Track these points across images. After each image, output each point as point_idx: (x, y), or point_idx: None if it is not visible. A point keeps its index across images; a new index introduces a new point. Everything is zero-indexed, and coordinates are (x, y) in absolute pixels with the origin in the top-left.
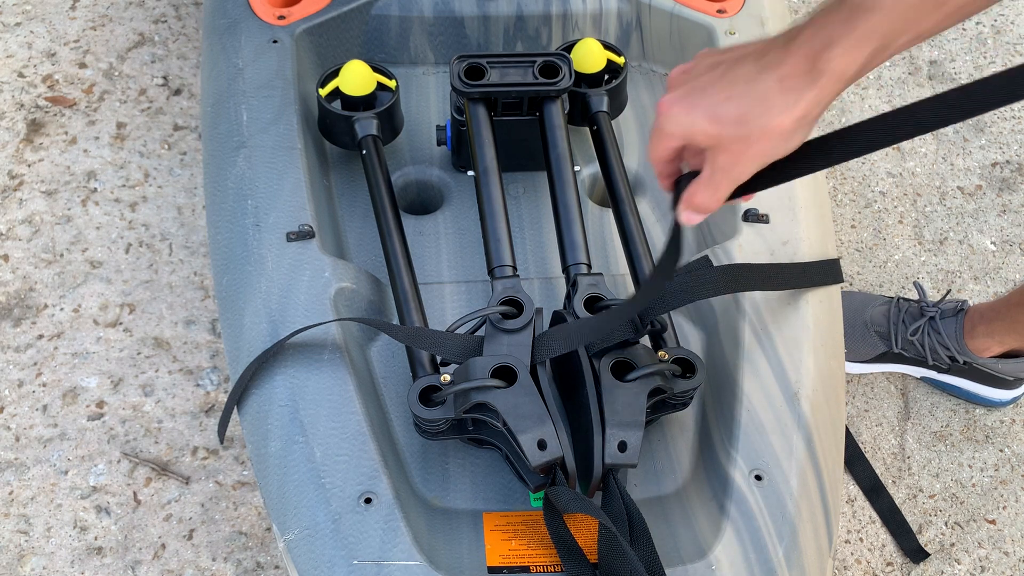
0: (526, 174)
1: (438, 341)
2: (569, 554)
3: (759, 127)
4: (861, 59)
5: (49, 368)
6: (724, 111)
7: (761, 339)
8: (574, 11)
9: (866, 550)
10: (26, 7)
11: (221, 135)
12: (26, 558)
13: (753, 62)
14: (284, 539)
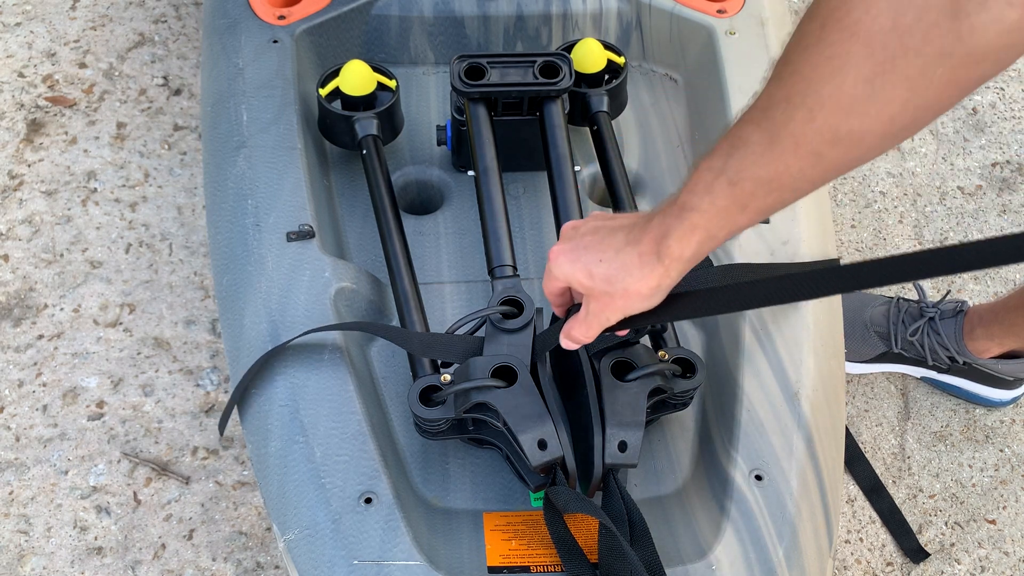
0: (526, 174)
1: (438, 344)
2: (569, 554)
3: (622, 288)
4: (693, 246)
5: (49, 368)
6: (597, 270)
7: (761, 339)
8: (574, 11)
9: (866, 550)
10: (26, 7)
11: (221, 135)
12: (26, 558)
13: (624, 234)
14: (284, 539)
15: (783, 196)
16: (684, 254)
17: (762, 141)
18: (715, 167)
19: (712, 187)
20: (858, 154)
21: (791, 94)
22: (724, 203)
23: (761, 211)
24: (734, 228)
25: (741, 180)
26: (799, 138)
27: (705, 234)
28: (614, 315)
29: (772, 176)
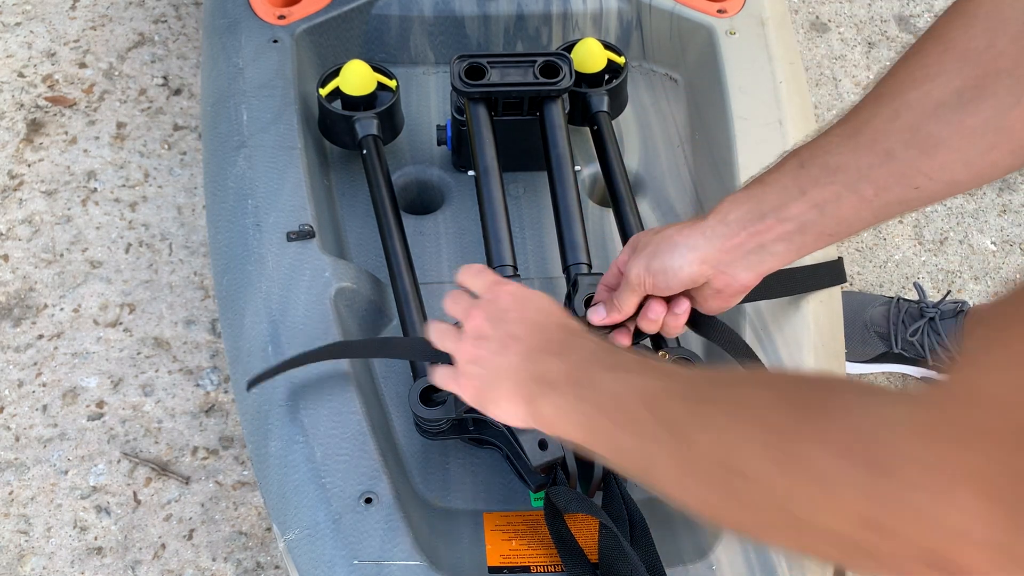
0: (526, 174)
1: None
2: (570, 554)
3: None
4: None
5: (49, 368)
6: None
7: (761, 339)
8: (574, 11)
9: None
10: (26, 7)
11: (221, 135)
12: (26, 558)
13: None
14: (284, 539)
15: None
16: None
17: (844, 133)
18: (796, 151)
19: (783, 166)
20: (928, 166)
21: (881, 94)
22: (787, 181)
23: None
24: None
25: (810, 164)
26: (878, 134)
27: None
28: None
29: (839, 166)
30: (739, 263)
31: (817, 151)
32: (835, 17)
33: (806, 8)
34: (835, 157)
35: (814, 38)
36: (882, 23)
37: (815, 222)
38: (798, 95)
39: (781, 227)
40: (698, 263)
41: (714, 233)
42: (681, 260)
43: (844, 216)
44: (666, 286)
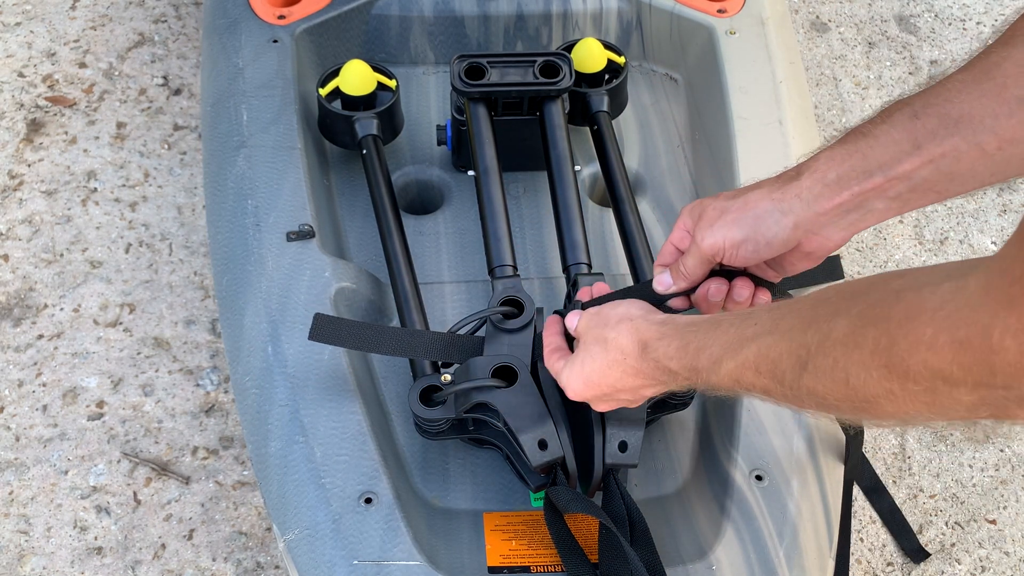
0: (526, 174)
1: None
2: (570, 554)
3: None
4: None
5: (49, 368)
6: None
7: None
8: (574, 11)
9: (866, 550)
10: (26, 7)
11: (221, 135)
12: (26, 558)
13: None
14: (284, 539)
15: (959, 145)
16: (828, 175)
17: (967, 79)
18: (907, 100)
19: (891, 116)
20: None
21: (1015, 35)
22: (898, 134)
23: (932, 158)
24: (893, 168)
25: (925, 115)
26: (1008, 79)
27: (862, 159)
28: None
29: (963, 115)
30: (837, 223)
31: (934, 99)
32: (835, 17)
33: (806, 8)
34: (956, 106)
35: (814, 38)
36: (882, 23)
37: (927, 179)
38: (798, 95)
39: (888, 184)
40: (792, 229)
41: (811, 195)
42: (776, 227)
43: (960, 173)
44: (755, 255)
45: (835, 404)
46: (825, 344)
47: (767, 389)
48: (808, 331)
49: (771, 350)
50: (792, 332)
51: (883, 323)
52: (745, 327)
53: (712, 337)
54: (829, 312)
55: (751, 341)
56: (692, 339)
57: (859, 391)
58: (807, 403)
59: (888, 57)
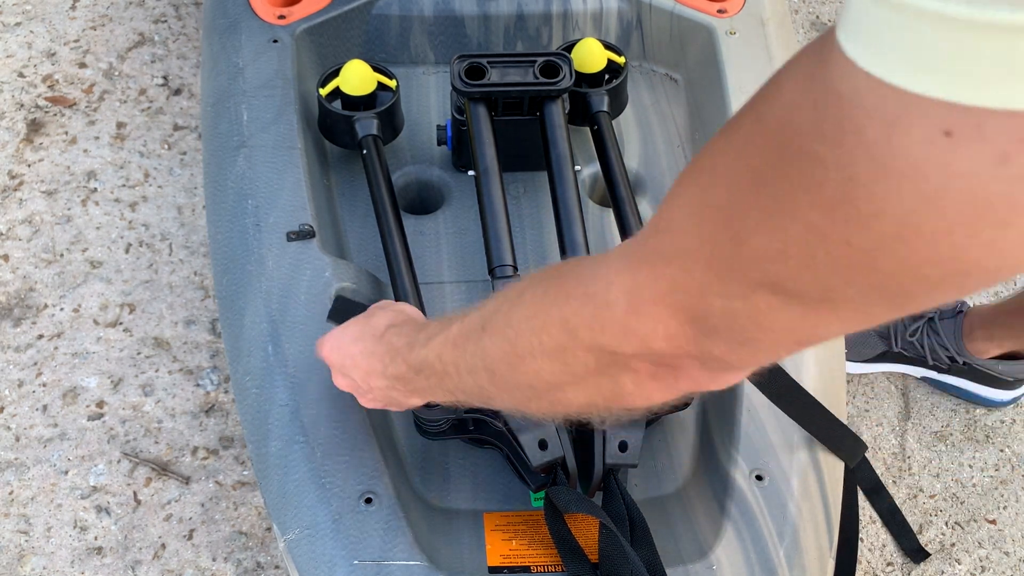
0: (526, 174)
1: None
2: (570, 554)
3: None
4: None
5: (49, 368)
6: None
7: None
8: (574, 11)
9: (866, 550)
10: (26, 7)
11: (221, 135)
12: (26, 558)
13: None
14: (284, 539)
15: None
16: None
17: None
18: None
19: None
20: None
21: None
22: None
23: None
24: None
25: None
26: None
27: None
28: None
29: None
30: None
31: None
32: (835, 17)
33: (806, 8)
34: None
35: (814, 38)
36: None
37: None
38: None
39: None
40: None
41: None
42: None
43: None
44: None
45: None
46: (503, 308)
47: (456, 364)
48: (497, 300)
49: (468, 323)
50: (486, 305)
51: (544, 281)
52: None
53: (440, 322)
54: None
55: (458, 320)
56: (428, 325)
57: (515, 346)
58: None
59: None
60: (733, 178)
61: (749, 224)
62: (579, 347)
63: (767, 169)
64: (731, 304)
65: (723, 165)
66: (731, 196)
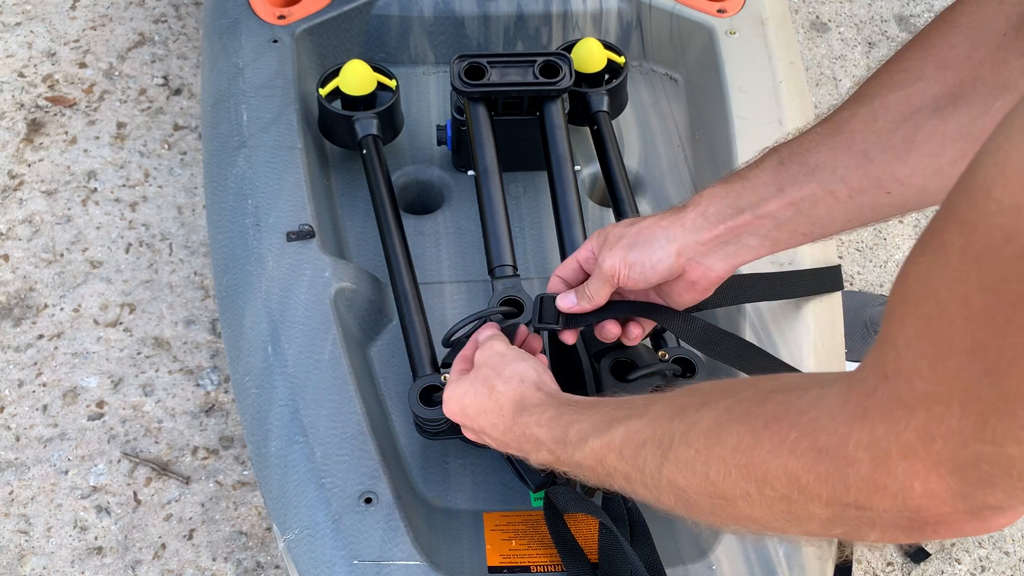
0: (526, 174)
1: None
2: (570, 554)
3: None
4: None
5: (49, 368)
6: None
7: (762, 339)
8: (574, 11)
9: (866, 550)
10: (26, 7)
11: (221, 135)
12: (26, 558)
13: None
14: (284, 539)
15: (815, 191)
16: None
17: (824, 132)
18: (776, 148)
19: (763, 162)
20: (901, 171)
21: (863, 95)
22: (766, 177)
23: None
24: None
25: (789, 162)
26: (856, 135)
27: (736, 198)
28: None
29: (819, 164)
30: (715, 254)
31: (797, 148)
32: (835, 17)
33: (806, 8)
34: (814, 156)
35: (814, 38)
36: (882, 23)
37: (790, 220)
38: (798, 95)
39: (758, 222)
40: (676, 255)
41: (694, 226)
42: (661, 252)
43: (818, 216)
44: (643, 278)
45: (694, 498)
46: (689, 434)
47: (628, 476)
48: (675, 420)
49: (637, 434)
50: (660, 419)
51: (749, 421)
52: (618, 410)
53: (586, 414)
54: (698, 403)
55: (620, 423)
56: (566, 412)
57: (718, 487)
58: (665, 495)
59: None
60: (966, 304)
61: (1007, 353)
62: (811, 502)
63: (1010, 287)
64: (1004, 450)
65: (946, 291)
66: (972, 325)
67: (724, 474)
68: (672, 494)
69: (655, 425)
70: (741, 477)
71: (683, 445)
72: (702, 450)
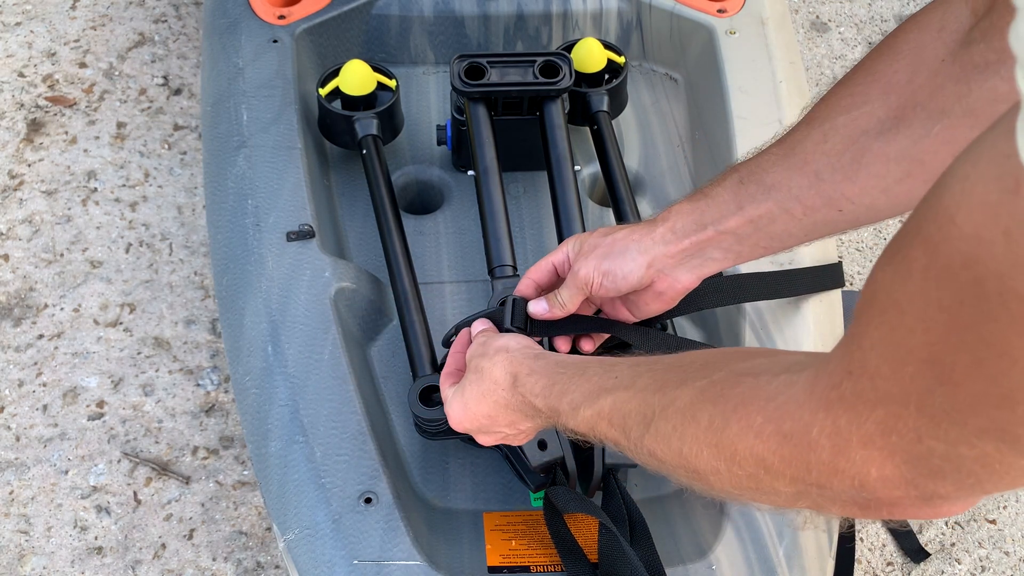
0: (526, 174)
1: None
2: (569, 554)
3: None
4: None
5: (49, 368)
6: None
7: (762, 339)
8: (574, 10)
9: (866, 550)
10: (26, 7)
11: (221, 135)
12: (26, 558)
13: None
14: (284, 539)
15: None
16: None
17: (779, 152)
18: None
19: (724, 180)
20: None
21: (813, 117)
22: (727, 196)
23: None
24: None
25: (748, 181)
26: (808, 156)
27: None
28: None
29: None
30: (682, 266)
31: (755, 169)
32: (835, 17)
33: (806, 8)
34: (770, 176)
35: (814, 38)
36: (882, 23)
37: (750, 235)
38: (798, 95)
39: (720, 237)
40: (646, 266)
41: (663, 240)
42: (632, 264)
43: (776, 232)
44: (614, 287)
45: (671, 469)
46: (668, 410)
47: (616, 441)
48: (657, 394)
49: (624, 405)
50: (645, 392)
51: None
52: (606, 378)
53: (576, 383)
54: (678, 379)
55: (608, 393)
56: (558, 380)
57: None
58: (648, 462)
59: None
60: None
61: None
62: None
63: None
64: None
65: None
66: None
67: (697, 451)
68: (652, 462)
69: (639, 398)
70: (712, 455)
71: (662, 420)
72: (678, 426)
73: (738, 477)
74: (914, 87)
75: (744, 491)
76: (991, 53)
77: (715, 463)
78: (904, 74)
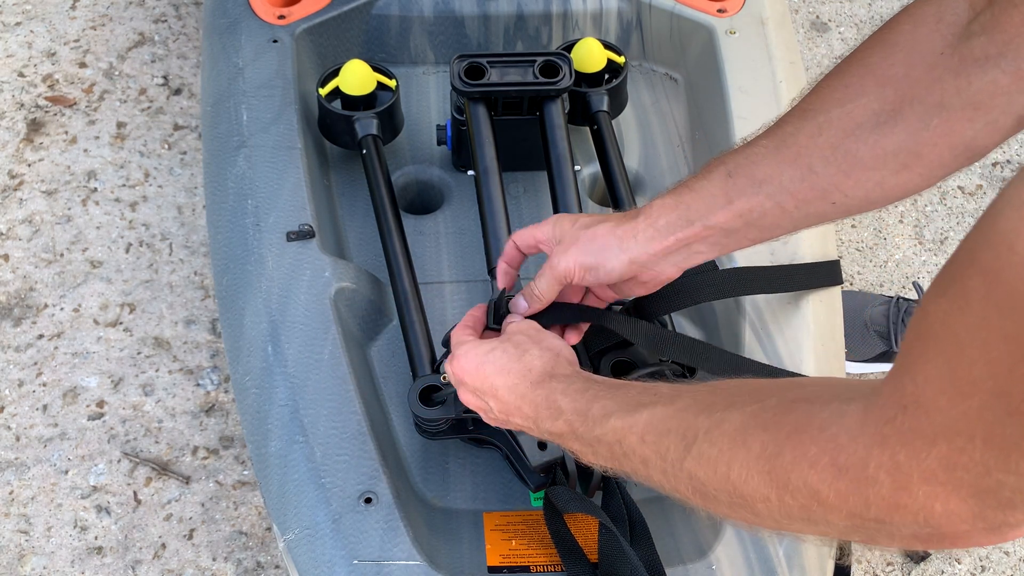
0: (526, 174)
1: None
2: (569, 554)
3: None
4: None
5: (49, 368)
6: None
7: (761, 339)
8: (574, 10)
9: (866, 550)
10: (26, 7)
11: (221, 135)
12: (26, 558)
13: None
14: (284, 539)
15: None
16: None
17: (769, 145)
18: (723, 159)
19: (710, 173)
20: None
21: (806, 109)
22: (714, 189)
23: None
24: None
25: (737, 175)
26: (801, 149)
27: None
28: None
29: (766, 177)
30: (666, 261)
31: (743, 161)
32: (835, 17)
33: (806, 8)
34: (761, 169)
35: (814, 38)
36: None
37: (739, 229)
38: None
39: (707, 232)
40: (628, 263)
41: (644, 236)
42: (615, 261)
43: (766, 225)
44: (596, 281)
45: (712, 494)
46: (714, 432)
47: (646, 460)
48: (701, 415)
49: (661, 423)
50: (686, 412)
51: (773, 429)
52: (644, 395)
53: (611, 393)
54: (725, 402)
55: (645, 407)
56: (593, 387)
57: (738, 487)
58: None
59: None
60: (988, 349)
61: None
62: (831, 513)
63: None
64: None
65: (967, 334)
66: (994, 370)
67: (746, 477)
68: (691, 486)
69: (680, 417)
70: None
71: (707, 442)
72: (726, 450)
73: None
74: (911, 80)
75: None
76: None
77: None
78: (900, 67)
